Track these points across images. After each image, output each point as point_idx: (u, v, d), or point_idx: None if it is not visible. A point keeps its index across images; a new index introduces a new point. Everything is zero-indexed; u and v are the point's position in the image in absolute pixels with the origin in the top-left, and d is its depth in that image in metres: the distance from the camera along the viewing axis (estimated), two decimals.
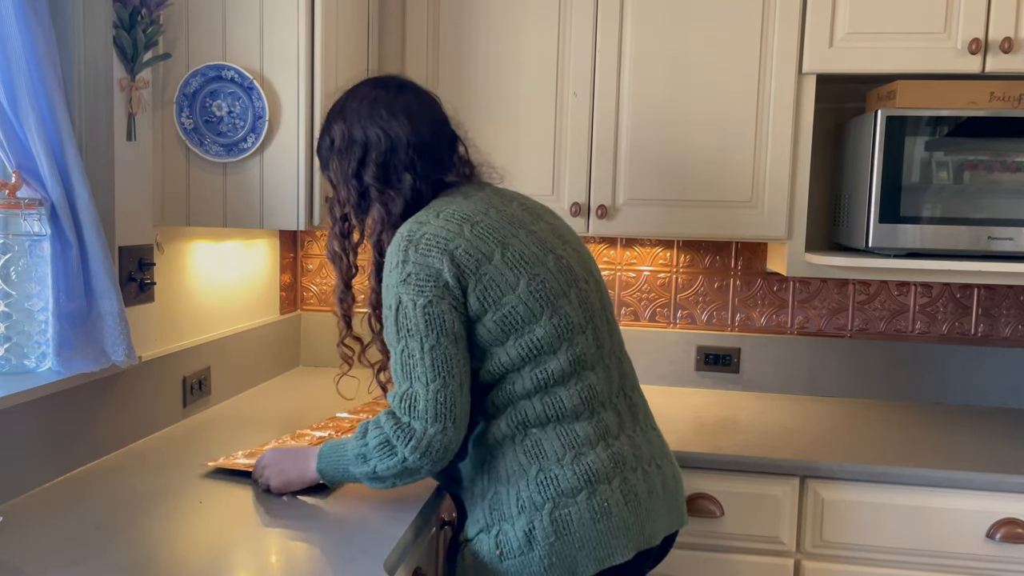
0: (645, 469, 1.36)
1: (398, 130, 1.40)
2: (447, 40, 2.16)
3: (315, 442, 1.70)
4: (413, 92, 1.46)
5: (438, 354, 1.26)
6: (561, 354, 1.31)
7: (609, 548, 1.29)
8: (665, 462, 1.42)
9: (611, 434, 1.34)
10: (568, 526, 1.27)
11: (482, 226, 1.32)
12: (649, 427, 1.44)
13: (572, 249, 1.41)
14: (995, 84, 1.95)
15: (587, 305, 1.36)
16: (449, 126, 1.49)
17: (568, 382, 1.32)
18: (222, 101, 1.77)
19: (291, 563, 1.24)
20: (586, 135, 2.12)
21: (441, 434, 1.26)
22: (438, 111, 1.48)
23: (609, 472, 1.30)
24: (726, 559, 1.87)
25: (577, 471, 1.29)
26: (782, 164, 2.07)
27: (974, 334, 2.38)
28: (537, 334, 1.30)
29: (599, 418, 1.33)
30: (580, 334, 1.33)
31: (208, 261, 2.07)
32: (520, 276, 1.30)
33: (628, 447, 1.35)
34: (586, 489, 1.28)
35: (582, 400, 1.32)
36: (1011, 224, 1.92)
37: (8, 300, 1.52)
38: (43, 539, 1.27)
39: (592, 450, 1.30)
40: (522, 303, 1.29)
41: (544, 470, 1.30)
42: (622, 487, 1.30)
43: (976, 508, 1.77)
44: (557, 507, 1.28)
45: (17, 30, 1.39)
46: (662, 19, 2.08)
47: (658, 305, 2.50)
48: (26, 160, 1.45)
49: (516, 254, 1.32)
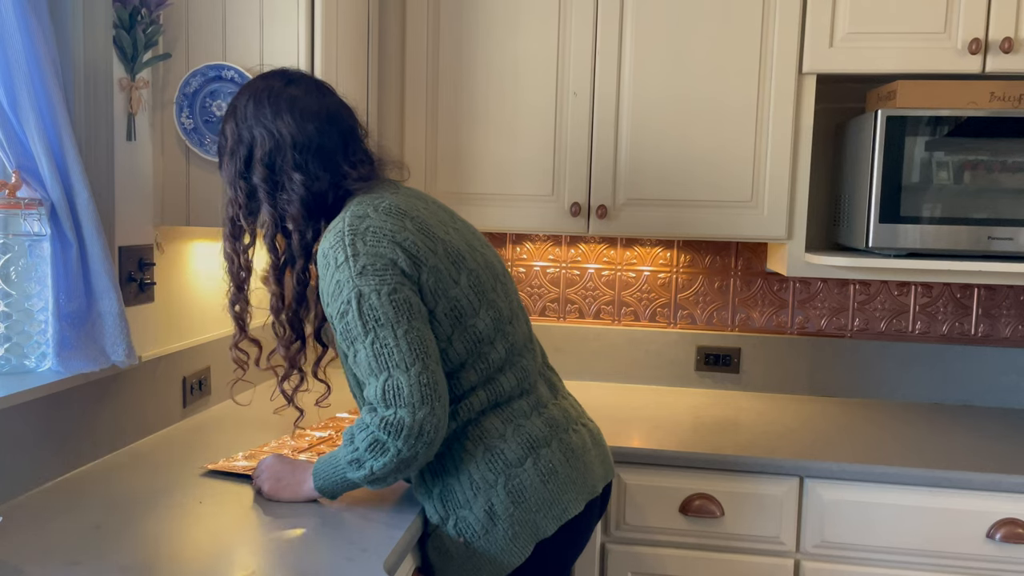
0: (575, 429, 1.46)
1: (282, 129, 1.36)
2: (447, 40, 2.16)
3: (315, 442, 1.70)
4: (302, 86, 1.41)
5: (413, 338, 1.25)
6: (498, 343, 1.38)
7: (563, 504, 1.37)
8: (587, 420, 1.54)
9: (542, 404, 1.43)
10: (523, 493, 1.34)
11: (419, 221, 1.34)
12: (567, 395, 1.55)
13: (483, 246, 1.48)
14: (995, 84, 1.95)
15: (509, 297, 1.44)
16: (345, 121, 1.43)
17: (505, 368, 1.39)
18: (222, 101, 1.77)
19: (291, 563, 1.24)
20: (586, 135, 2.12)
21: (431, 415, 1.24)
22: (331, 105, 1.42)
23: (547, 436, 1.39)
24: (726, 559, 1.87)
25: (520, 440, 1.36)
26: (782, 164, 2.07)
27: (974, 334, 2.38)
28: (479, 327, 1.35)
29: (531, 393, 1.43)
30: (509, 324, 1.41)
31: (208, 261, 2.07)
32: (460, 270, 1.35)
33: (558, 412, 1.45)
34: (531, 456, 1.36)
35: (518, 381, 1.40)
36: (1011, 224, 1.92)
37: (8, 300, 1.52)
38: (43, 539, 1.27)
39: (527, 419, 1.39)
40: (464, 296, 1.33)
41: (490, 448, 1.35)
42: (560, 447, 1.39)
43: (976, 508, 1.77)
44: (510, 479, 1.34)
45: (17, 30, 1.39)
46: (662, 19, 2.08)
47: (658, 305, 2.50)
48: (26, 160, 1.45)
49: (453, 250, 1.35)
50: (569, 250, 2.52)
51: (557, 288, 2.53)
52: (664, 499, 1.87)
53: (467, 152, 2.18)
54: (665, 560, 1.88)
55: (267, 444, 1.69)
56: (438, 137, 2.18)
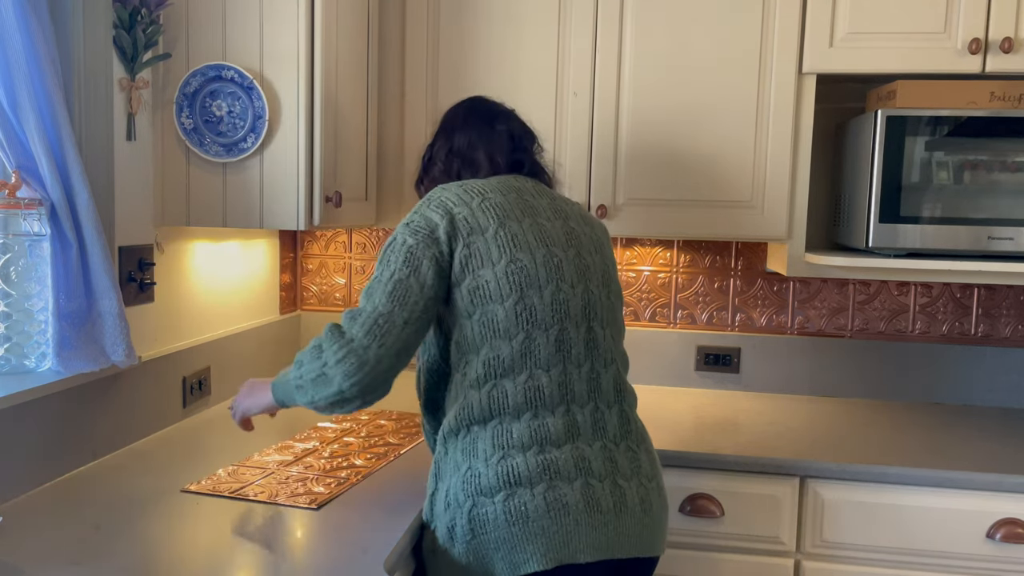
0: (590, 483, 1.31)
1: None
2: (447, 40, 2.16)
3: (300, 454, 1.70)
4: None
5: (400, 287, 1.31)
6: (515, 342, 1.33)
7: (524, 553, 1.27)
8: (632, 483, 1.36)
9: (551, 441, 1.32)
10: (484, 525, 1.28)
11: (491, 202, 1.40)
12: (623, 446, 1.39)
13: (579, 255, 1.42)
14: (995, 84, 1.95)
15: (561, 306, 1.36)
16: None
17: (516, 376, 1.33)
18: (222, 101, 1.77)
19: (291, 563, 1.24)
20: (586, 135, 2.12)
21: (364, 350, 1.27)
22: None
23: (533, 477, 1.29)
24: (726, 559, 1.87)
25: (499, 472, 1.29)
26: (782, 164, 2.07)
27: (974, 334, 2.38)
28: (498, 315, 1.33)
29: (541, 422, 1.33)
30: (541, 330, 1.34)
31: (208, 261, 2.07)
32: (503, 255, 1.35)
33: (570, 457, 1.32)
34: (504, 490, 1.28)
35: (526, 399, 1.33)
36: (1011, 224, 1.92)
37: (8, 300, 1.52)
38: (43, 539, 1.27)
39: (521, 453, 1.30)
40: (495, 280, 1.34)
41: (472, 468, 1.32)
42: (547, 494, 1.28)
43: (976, 508, 1.77)
44: (476, 505, 1.29)
45: (17, 30, 1.39)
46: (662, 19, 2.08)
47: (658, 305, 2.50)
48: (26, 160, 1.45)
49: (508, 234, 1.37)
50: None
51: None
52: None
53: None
54: (665, 560, 1.88)
55: (251, 456, 1.68)
56: None
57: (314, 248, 2.63)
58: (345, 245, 2.63)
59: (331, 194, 1.86)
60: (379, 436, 1.87)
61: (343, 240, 2.62)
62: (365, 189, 2.13)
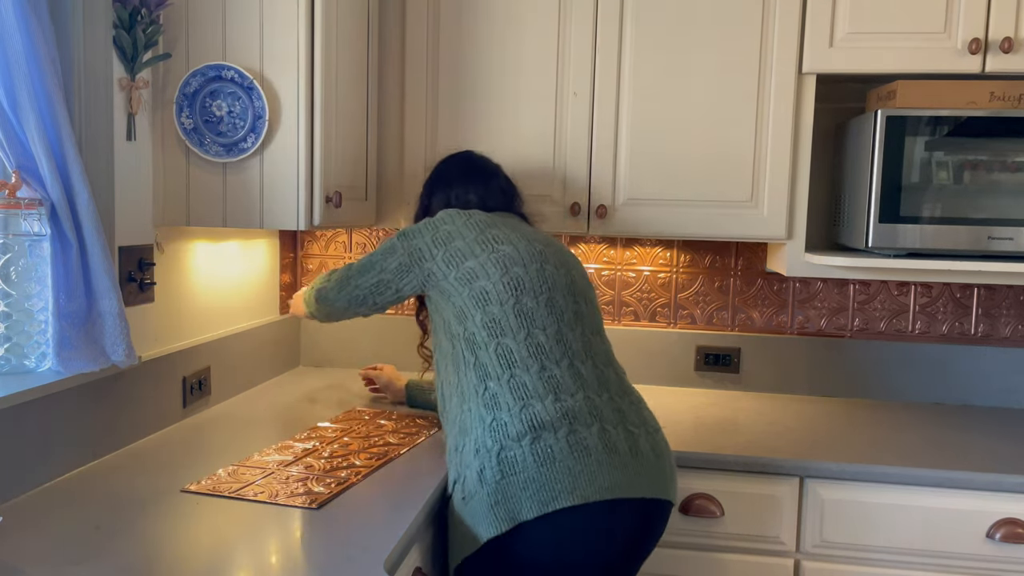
0: (605, 428, 1.46)
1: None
2: (447, 40, 2.16)
3: (300, 454, 1.70)
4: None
5: (380, 287, 1.68)
6: (507, 306, 1.53)
7: (552, 492, 1.39)
8: (641, 431, 1.51)
9: (564, 390, 1.48)
10: (513, 466, 1.40)
11: (477, 218, 1.65)
12: (626, 401, 1.55)
13: (559, 265, 1.63)
14: (995, 84, 1.95)
15: (548, 279, 1.58)
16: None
17: (516, 334, 1.52)
18: (222, 101, 1.77)
19: (291, 562, 1.24)
20: (586, 135, 2.12)
21: (329, 301, 1.78)
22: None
23: (556, 422, 1.43)
24: (726, 559, 1.87)
25: (523, 419, 1.44)
26: (782, 164, 2.07)
27: (974, 334, 2.38)
28: (487, 288, 1.55)
29: (550, 374, 1.49)
30: (530, 296, 1.55)
31: (208, 261, 2.07)
32: (486, 250, 1.58)
33: (583, 405, 1.47)
34: (530, 434, 1.42)
35: (530, 353, 1.50)
36: (1011, 224, 1.93)
37: (8, 300, 1.52)
38: (43, 539, 1.27)
39: (540, 402, 1.45)
40: (480, 266, 1.57)
41: (496, 419, 1.46)
42: (569, 437, 1.42)
43: (976, 508, 1.77)
44: (504, 449, 1.42)
45: (17, 30, 1.39)
46: (662, 19, 2.08)
47: (658, 305, 2.50)
48: (26, 160, 1.45)
49: (491, 235, 1.61)
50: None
51: None
52: None
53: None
54: (665, 560, 1.88)
55: (251, 457, 1.68)
56: (438, 137, 2.18)
57: (314, 248, 2.63)
58: (345, 245, 2.63)
59: (331, 194, 1.86)
60: (379, 436, 1.87)
61: (343, 240, 2.63)
62: (365, 189, 2.13)
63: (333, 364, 2.63)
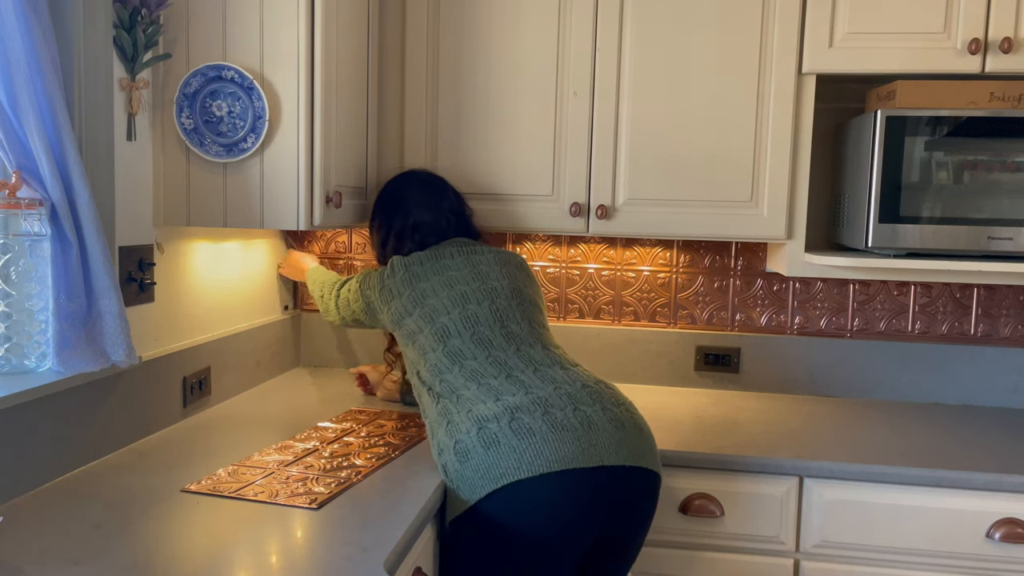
0: (549, 412, 1.57)
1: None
2: (447, 40, 2.16)
3: (300, 454, 1.70)
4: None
5: (355, 295, 2.00)
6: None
7: (500, 469, 1.51)
8: (595, 407, 1.60)
9: (512, 373, 1.65)
10: (467, 454, 1.54)
11: (411, 271, 1.86)
12: (567, 378, 1.66)
13: (484, 284, 1.80)
14: (995, 84, 1.95)
15: (468, 317, 1.74)
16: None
17: (462, 334, 1.72)
18: (222, 101, 1.77)
19: (291, 563, 1.24)
20: (586, 135, 2.12)
21: (332, 310, 2.13)
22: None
23: (498, 415, 1.56)
24: (726, 559, 1.87)
25: (468, 419, 1.58)
26: (782, 164, 2.07)
27: (974, 334, 2.38)
28: (423, 341, 1.75)
29: (501, 357, 1.68)
30: (457, 339, 1.71)
31: (208, 261, 2.07)
32: (416, 306, 1.80)
33: (524, 399, 1.59)
34: (476, 426, 1.56)
35: (474, 344, 1.70)
36: (1011, 224, 1.93)
37: (8, 300, 1.52)
38: (43, 539, 1.27)
39: (483, 404, 1.60)
40: (414, 323, 1.79)
41: (462, 403, 1.63)
42: (512, 424, 1.54)
43: (976, 508, 1.77)
44: (458, 443, 1.57)
45: (17, 30, 1.39)
46: (662, 19, 2.08)
47: (658, 305, 2.50)
48: (26, 160, 1.45)
49: (418, 292, 1.83)
50: (569, 250, 2.52)
51: (557, 288, 2.53)
52: (664, 499, 1.87)
53: (467, 152, 2.18)
54: (665, 560, 1.88)
55: (251, 457, 1.68)
56: (438, 137, 2.19)
57: (314, 248, 2.63)
58: (345, 245, 2.63)
59: (331, 194, 1.86)
60: (379, 436, 1.87)
61: (343, 240, 2.63)
62: (365, 189, 2.13)
63: (333, 364, 2.63)
